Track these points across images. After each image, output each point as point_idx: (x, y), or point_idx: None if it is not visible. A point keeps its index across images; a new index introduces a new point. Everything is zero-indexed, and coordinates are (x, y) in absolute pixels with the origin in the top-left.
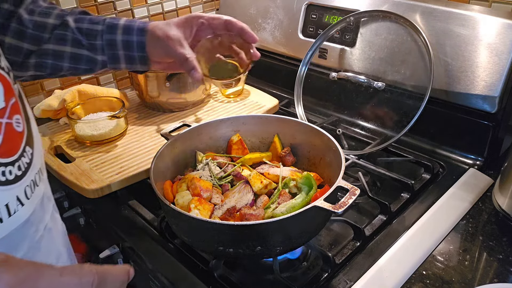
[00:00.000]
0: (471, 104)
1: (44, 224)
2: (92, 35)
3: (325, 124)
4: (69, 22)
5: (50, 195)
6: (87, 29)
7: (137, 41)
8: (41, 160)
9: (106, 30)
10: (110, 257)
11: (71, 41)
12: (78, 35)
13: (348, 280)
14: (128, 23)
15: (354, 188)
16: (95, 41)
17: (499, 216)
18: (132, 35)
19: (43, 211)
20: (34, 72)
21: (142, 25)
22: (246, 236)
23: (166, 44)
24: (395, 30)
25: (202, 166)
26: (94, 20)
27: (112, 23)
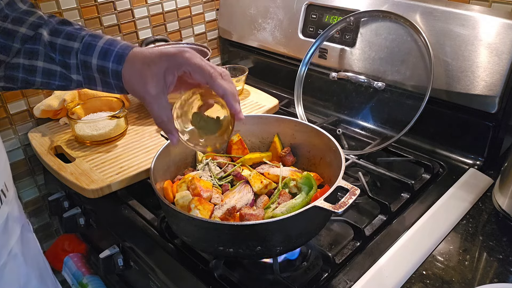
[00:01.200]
0: (471, 104)
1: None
2: (66, 52)
3: (325, 124)
4: (43, 35)
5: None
6: (61, 45)
7: (113, 69)
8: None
9: (82, 49)
10: (110, 257)
11: (43, 56)
12: (50, 51)
13: (348, 280)
14: (107, 46)
15: (354, 188)
16: (69, 60)
17: (499, 216)
18: (108, 61)
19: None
20: (4, 84)
21: (121, 51)
22: (246, 236)
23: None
24: (395, 30)
25: (202, 166)
26: (72, 35)
27: (90, 43)
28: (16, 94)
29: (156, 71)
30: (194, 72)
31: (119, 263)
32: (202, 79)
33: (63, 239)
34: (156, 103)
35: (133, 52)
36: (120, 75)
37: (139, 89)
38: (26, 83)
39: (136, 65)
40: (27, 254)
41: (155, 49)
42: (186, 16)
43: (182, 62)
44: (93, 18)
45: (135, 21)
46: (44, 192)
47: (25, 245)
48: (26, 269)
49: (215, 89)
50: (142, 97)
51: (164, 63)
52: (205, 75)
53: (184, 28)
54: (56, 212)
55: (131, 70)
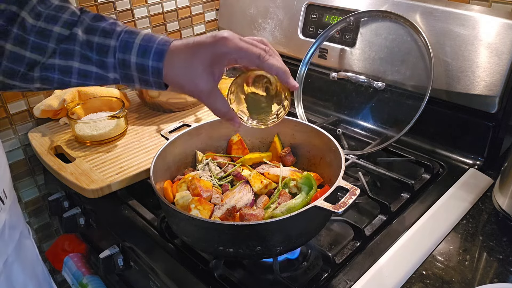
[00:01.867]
0: (471, 104)
1: (4, 259)
2: (103, 51)
3: (325, 124)
4: (78, 35)
5: (16, 222)
6: (98, 43)
7: (153, 66)
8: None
9: (120, 48)
10: (110, 257)
11: (79, 57)
12: (87, 50)
13: (348, 280)
14: (146, 43)
15: (354, 188)
16: (106, 59)
17: (499, 216)
18: (148, 59)
19: (3, 244)
20: (40, 85)
21: (160, 47)
22: (246, 236)
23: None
24: (395, 30)
25: (202, 166)
26: (108, 32)
27: (127, 41)
28: (16, 94)
29: (201, 69)
30: (241, 59)
31: (119, 263)
32: (251, 63)
33: (63, 239)
34: (211, 98)
35: (173, 47)
36: (161, 72)
37: (189, 87)
38: (61, 84)
39: (178, 62)
40: (24, 262)
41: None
42: (186, 16)
43: (225, 51)
44: None
45: (135, 21)
46: (44, 192)
47: (23, 253)
48: (23, 277)
49: (267, 70)
50: (195, 95)
51: (208, 56)
52: (252, 58)
53: (184, 28)
54: (56, 212)
55: (173, 68)
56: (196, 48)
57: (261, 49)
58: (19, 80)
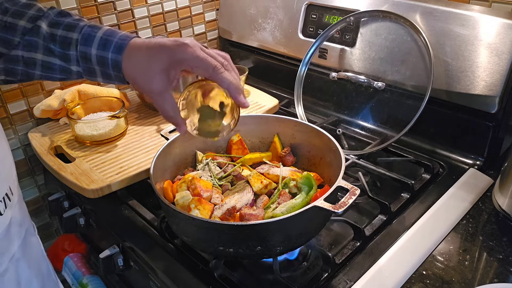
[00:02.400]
0: (471, 104)
1: (10, 256)
2: (66, 43)
3: (325, 124)
4: (42, 27)
5: (22, 219)
6: (61, 36)
7: (112, 59)
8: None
9: (81, 40)
10: (110, 257)
11: (42, 49)
12: (50, 43)
13: (348, 280)
14: (107, 36)
15: (354, 188)
16: (68, 51)
17: (499, 216)
18: (108, 51)
19: (9, 241)
20: (5, 77)
21: (120, 42)
22: (246, 236)
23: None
24: (395, 30)
25: (202, 166)
26: (71, 26)
27: (90, 34)
28: (16, 94)
29: (158, 69)
30: (197, 68)
31: (119, 263)
32: (205, 73)
33: (63, 239)
34: (161, 99)
35: (133, 43)
36: (120, 66)
37: (143, 85)
38: (26, 76)
39: (137, 59)
40: (29, 259)
41: (154, 41)
42: (186, 16)
43: (182, 57)
44: (93, 18)
45: (135, 21)
46: (44, 192)
47: (28, 249)
48: (28, 274)
49: (219, 83)
50: (146, 93)
51: (165, 59)
52: (208, 69)
53: (184, 28)
54: (56, 212)
55: (132, 63)
56: (156, 48)
57: (218, 61)
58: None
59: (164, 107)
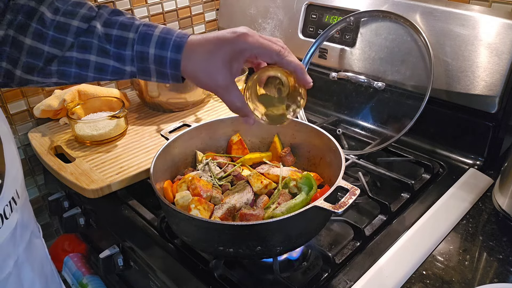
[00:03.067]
0: (471, 104)
1: (15, 259)
2: (121, 43)
3: (325, 124)
4: (97, 28)
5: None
6: (117, 35)
7: (171, 58)
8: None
9: (138, 40)
10: (110, 257)
11: (96, 50)
12: (105, 43)
13: (348, 280)
14: (164, 34)
15: (354, 188)
16: (124, 51)
17: (499, 216)
18: (167, 50)
19: (14, 244)
20: (57, 80)
21: (179, 40)
22: (246, 236)
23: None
24: (395, 30)
25: (202, 166)
26: (126, 25)
27: (146, 33)
28: (16, 94)
29: (220, 63)
30: (261, 54)
31: (119, 263)
32: (269, 59)
33: (63, 239)
34: (227, 93)
35: (191, 41)
36: (179, 64)
37: (206, 81)
38: (78, 78)
39: (197, 56)
40: (33, 261)
41: (211, 36)
42: (186, 16)
43: (245, 47)
44: None
45: None
46: (44, 192)
47: (33, 252)
48: (32, 276)
49: (285, 66)
50: (212, 89)
51: (227, 52)
52: (272, 54)
53: (184, 28)
54: (56, 212)
55: (192, 61)
56: (217, 42)
57: (280, 46)
58: (37, 75)
59: (233, 101)
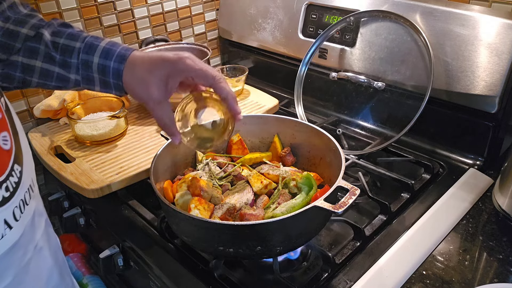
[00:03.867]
0: (471, 104)
1: (34, 244)
2: (68, 51)
3: (325, 124)
4: (44, 35)
5: (42, 210)
6: (64, 44)
7: (114, 67)
8: (32, 175)
9: (84, 49)
10: (110, 257)
11: (43, 56)
12: (52, 50)
13: (348, 280)
14: (109, 46)
15: (354, 188)
16: (70, 59)
17: (499, 216)
18: (110, 60)
19: (33, 230)
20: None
21: (123, 52)
22: (246, 236)
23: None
24: (395, 30)
25: (202, 166)
26: (74, 36)
27: (93, 43)
28: (16, 94)
29: (158, 78)
30: (198, 77)
31: (119, 263)
32: (206, 83)
33: (63, 239)
34: (159, 108)
35: (134, 55)
36: (120, 74)
37: (141, 93)
38: (22, 82)
39: (138, 69)
40: (49, 248)
41: (155, 54)
42: (186, 16)
43: (184, 68)
44: (93, 18)
45: (135, 21)
46: (44, 192)
47: (48, 239)
48: (50, 262)
49: (219, 91)
50: (145, 102)
51: (166, 69)
52: (208, 78)
53: (184, 28)
54: (56, 212)
55: (132, 73)
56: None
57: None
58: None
59: (161, 116)
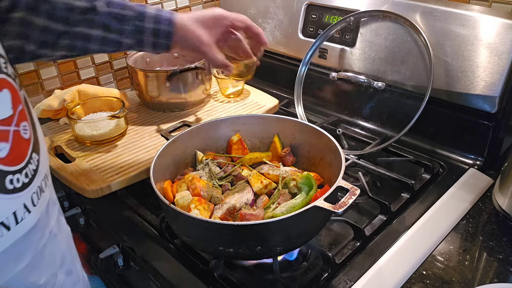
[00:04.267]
0: (471, 104)
1: (49, 230)
2: (122, 20)
3: (325, 124)
4: (99, 7)
5: (55, 199)
6: (117, 13)
7: (165, 30)
8: (46, 165)
9: (136, 16)
10: (110, 257)
11: (100, 26)
12: (108, 19)
13: (348, 280)
14: (157, 12)
15: (354, 188)
16: (124, 26)
17: (499, 216)
18: (160, 23)
19: (48, 216)
20: (65, 53)
21: (169, 15)
22: (246, 236)
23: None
24: (395, 30)
25: (202, 166)
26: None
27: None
28: None
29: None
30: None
31: (119, 263)
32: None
33: None
34: (210, 50)
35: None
36: (171, 35)
37: (194, 41)
38: (83, 50)
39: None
40: (62, 235)
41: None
42: None
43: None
44: None
45: None
46: None
47: (61, 226)
48: (63, 248)
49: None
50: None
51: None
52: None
53: None
54: None
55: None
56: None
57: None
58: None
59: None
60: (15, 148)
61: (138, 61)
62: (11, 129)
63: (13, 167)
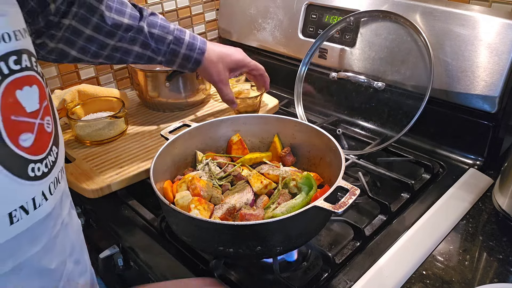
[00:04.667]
0: (471, 104)
1: (62, 220)
2: (161, 41)
3: (325, 124)
4: (144, 28)
5: (68, 192)
6: (158, 35)
7: (196, 58)
8: (63, 159)
9: (174, 41)
10: (110, 257)
11: (140, 44)
12: (148, 40)
13: (348, 280)
14: (192, 40)
15: (354, 188)
16: (161, 47)
17: (499, 216)
18: (194, 51)
19: (61, 207)
20: (103, 60)
21: (202, 46)
22: (246, 236)
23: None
24: (395, 30)
25: (202, 166)
26: (165, 27)
27: (180, 37)
28: None
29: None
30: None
31: (119, 263)
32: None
33: None
34: (225, 87)
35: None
36: (200, 62)
37: (215, 76)
38: (120, 61)
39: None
40: (73, 226)
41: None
42: (186, 16)
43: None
44: None
45: None
46: None
47: (71, 218)
48: (73, 239)
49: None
50: (215, 82)
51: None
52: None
53: None
54: None
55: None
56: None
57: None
58: (89, 56)
59: (227, 92)
60: (39, 139)
61: None
62: (37, 122)
63: (36, 156)
